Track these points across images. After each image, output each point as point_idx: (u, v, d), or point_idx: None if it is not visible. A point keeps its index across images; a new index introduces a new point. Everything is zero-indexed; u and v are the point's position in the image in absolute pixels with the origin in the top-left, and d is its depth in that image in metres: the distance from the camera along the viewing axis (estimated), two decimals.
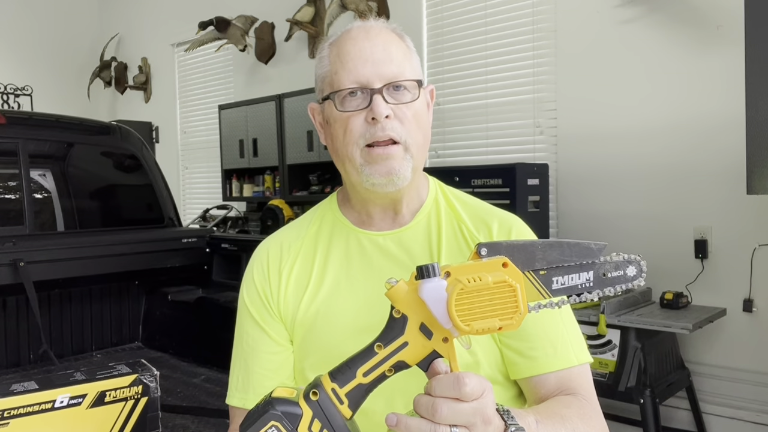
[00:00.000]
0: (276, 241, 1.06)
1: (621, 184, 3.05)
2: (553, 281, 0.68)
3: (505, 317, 0.62)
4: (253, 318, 1.02)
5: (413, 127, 0.93)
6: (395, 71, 0.92)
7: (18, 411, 0.74)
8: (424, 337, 0.64)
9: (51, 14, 6.24)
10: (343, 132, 0.93)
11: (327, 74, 0.96)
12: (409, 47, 0.98)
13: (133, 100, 6.21)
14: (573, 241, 0.70)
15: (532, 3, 3.35)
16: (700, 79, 2.81)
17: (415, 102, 0.94)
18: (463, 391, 0.61)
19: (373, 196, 0.97)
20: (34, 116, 3.51)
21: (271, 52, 4.75)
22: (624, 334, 2.52)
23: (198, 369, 2.84)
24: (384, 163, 0.92)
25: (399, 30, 0.99)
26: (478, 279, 0.61)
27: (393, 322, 0.65)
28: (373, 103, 0.90)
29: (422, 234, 1.00)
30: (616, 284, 0.71)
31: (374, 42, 0.93)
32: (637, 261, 0.73)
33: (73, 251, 2.88)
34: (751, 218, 2.68)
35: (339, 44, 0.95)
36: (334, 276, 1.00)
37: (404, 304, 0.64)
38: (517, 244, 0.68)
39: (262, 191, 4.62)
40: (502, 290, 0.61)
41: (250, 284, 1.04)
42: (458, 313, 0.60)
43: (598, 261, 0.70)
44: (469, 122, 3.62)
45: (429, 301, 0.62)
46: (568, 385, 0.92)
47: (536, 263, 0.68)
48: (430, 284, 0.62)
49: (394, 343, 0.64)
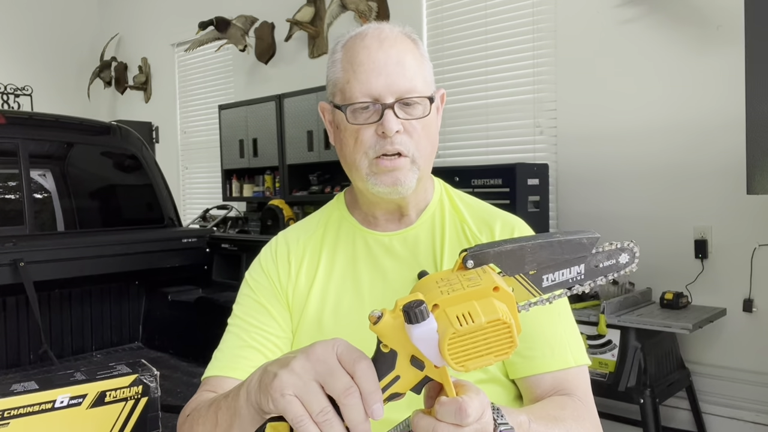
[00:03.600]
0: (284, 238, 1.08)
1: (621, 184, 3.05)
2: (543, 279, 0.66)
3: (500, 353, 0.58)
4: (258, 302, 1.02)
5: (422, 140, 0.94)
6: (408, 86, 0.92)
7: (18, 411, 0.74)
8: (416, 368, 0.62)
9: (51, 14, 6.24)
10: (353, 142, 0.94)
11: (339, 81, 0.95)
12: (422, 54, 0.97)
13: (133, 100, 6.21)
14: (564, 237, 0.67)
15: (532, 3, 3.35)
16: (700, 79, 2.81)
17: (426, 117, 0.94)
18: (465, 421, 0.60)
19: (379, 200, 0.98)
20: (34, 116, 3.50)
21: (271, 52, 4.75)
22: (624, 334, 2.52)
23: (198, 369, 2.82)
24: (390, 174, 0.93)
25: (413, 35, 0.98)
26: (470, 319, 0.57)
27: (382, 356, 0.61)
28: (384, 119, 0.90)
29: (426, 234, 1.01)
30: (608, 273, 0.70)
31: (388, 53, 0.92)
32: (630, 248, 0.71)
33: (73, 251, 2.88)
34: (751, 218, 2.68)
35: (352, 50, 0.94)
36: (340, 275, 1.01)
37: (392, 339, 0.61)
38: (505, 251, 0.65)
39: (262, 191, 4.62)
40: (496, 329, 0.58)
41: (257, 271, 1.05)
42: (452, 356, 0.57)
43: (589, 254, 0.68)
44: (469, 122, 3.62)
45: (420, 345, 0.59)
46: (564, 386, 0.92)
47: (525, 266, 0.66)
48: (420, 329, 0.58)
49: (385, 379, 0.61)
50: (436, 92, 0.99)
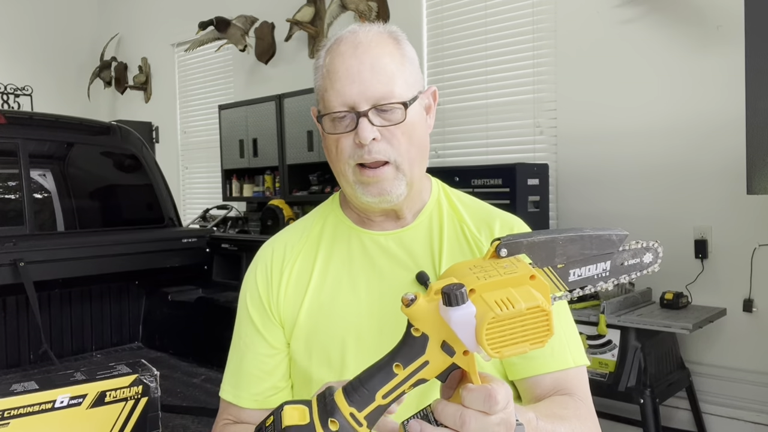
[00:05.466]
0: (281, 241, 1.07)
1: (621, 184, 3.05)
2: (570, 273, 0.66)
3: (536, 341, 0.58)
4: (251, 320, 1.02)
5: (404, 146, 0.91)
6: (383, 91, 0.89)
7: (18, 411, 0.74)
8: (446, 354, 0.61)
9: (51, 14, 6.24)
10: (335, 150, 0.94)
11: (320, 89, 0.96)
12: (404, 54, 0.94)
13: (133, 100, 6.21)
14: (594, 233, 0.67)
15: (532, 3, 3.35)
16: (700, 79, 2.81)
17: (404, 122, 0.91)
18: (494, 408, 0.60)
19: (370, 208, 0.97)
20: (34, 116, 3.50)
21: (271, 52, 4.75)
22: (624, 334, 2.52)
23: (198, 369, 2.83)
24: (375, 185, 0.92)
25: (396, 33, 0.96)
26: (510, 305, 0.56)
27: (412, 340, 0.61)
28: (359, 127, 0.89)
29: (424, 234, 1.00)
30: (631, 272, 0.69)
31: (361, 59, 0.90)
32: (655, 248, 0.71)
33: (73, 251, 2.88)
34: (751, 218, 2.68)
35: (330, 57, 0.94)
36: (336, 275, 1.00)
37: (425, 323, 0.60)
38: (538, 243, 0.64)
39: (262, 191, 4.62)
40: (535, 316, 0.57)
41: (252, 285, 1.04)
42: (489, 341, 0.56)
43: (616, 251, 0.68)
44: (469, 122, 3.62)
45: (457, 329, 0.58)
46: (564, 387, 0.92)
47: (555, 259, 0.65)
48: (458, 312, 0.57)
49: (414, 363, 0.60)
50: (426, 91, 0.97)
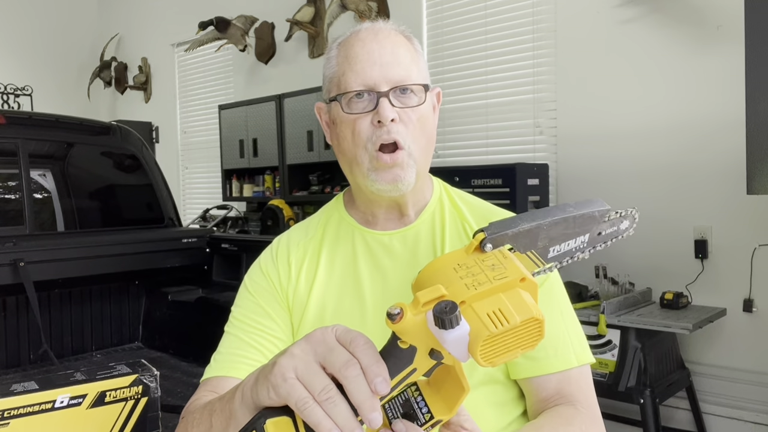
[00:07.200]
0: (285, 239, 1.08)
1: (621, 184, 3.05)
2: (550, 251, 0.66)
3: (527, 346, 0.57)
4: (257, 304, 1.02)
5: (417, 132, 0.94)
6: (402, 74, 0.93)
7: (18, 411, 0.74)
8: (433, 360, 0.60)
9: (51, 14, 6.24)
10: (350, 134, 0.94)
11: (334, 75, 0.96)
12: (416, 50, 0.98)
13: (133, 100, 6.21)
14: (578, 212, 0.67)
15: (532, 3, 3.35)
16: (700, 79, 2.81)
17: (421, 106, 0.94)
18: None
19: (378, 198, 0.98)
20: (34, 116, 3.50)
21: (271, 52, 4.75)
22: (624, 334, 2.52)
23: (198, 369, 2.81)
24: (390, 170, 0.93)
25: (407, 32, 0.99)
26: (504, 320, 0.55)
27: (399, 352, 0.59)
28: (380, 106, 0.91)
29: (426, 233, 1.01)
30: (608, 240, 0.69)
31: (383, 44, 0.94)
32: (632, 214, 0.71)
33: (73, 251, 2.88)
34: (751, 218, 2.68)
35: (347, 45, 0.96)
36: (340, 275, 1.01)
37: (413, 336, 0.58)
38: (523, 231, 0.63)
39: (262, 191, 4.62)
40: (528, 326, 0.56)
41: (257, 273, 1.05)
42: (482, 355, 0.55)
43: (596, 225, 0.68)
44: (469, 122, 3.62)
45: (449, 347, 0.57)
46: (568, 389, 0.92)
47: (539, 243, 0.65)
48: (452, 334, 0.55)
49: (402, 373, 0.59)
50: (432, 90, 1.00)
